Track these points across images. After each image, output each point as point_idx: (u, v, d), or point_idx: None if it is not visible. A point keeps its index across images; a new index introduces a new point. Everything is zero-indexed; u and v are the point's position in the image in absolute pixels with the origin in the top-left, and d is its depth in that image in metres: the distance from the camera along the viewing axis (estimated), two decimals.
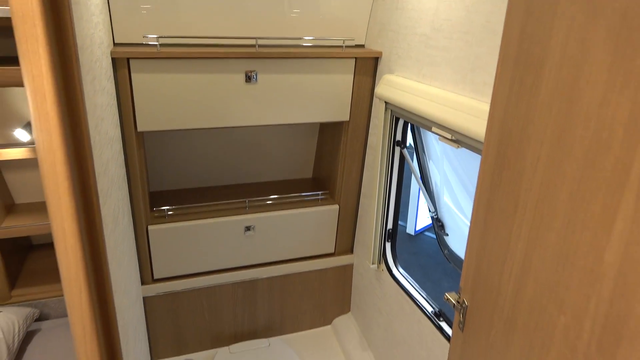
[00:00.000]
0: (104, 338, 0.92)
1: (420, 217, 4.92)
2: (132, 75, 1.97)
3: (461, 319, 1.17)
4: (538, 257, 0.79)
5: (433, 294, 2.12)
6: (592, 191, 0.65)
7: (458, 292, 1.21)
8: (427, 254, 4.66)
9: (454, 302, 1.21)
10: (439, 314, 1.99)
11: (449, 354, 1.26)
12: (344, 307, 2.93)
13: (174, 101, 2.08)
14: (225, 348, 2.62)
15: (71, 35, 0.71)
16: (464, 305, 1.16)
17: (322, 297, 2.84)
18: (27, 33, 0.63)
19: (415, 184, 4.75)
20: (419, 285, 2.19)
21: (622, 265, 0.60)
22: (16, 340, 2.07)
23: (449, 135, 1.69)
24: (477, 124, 1.48)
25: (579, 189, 0.68)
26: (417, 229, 4.97)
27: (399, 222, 4.86)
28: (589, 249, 0.66)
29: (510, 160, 0.92)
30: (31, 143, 2.20)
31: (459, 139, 1.65)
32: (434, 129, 1.79)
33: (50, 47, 0.65)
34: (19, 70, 1.57)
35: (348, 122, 2.41)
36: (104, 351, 0.89)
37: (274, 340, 2.70)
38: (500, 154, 0.96)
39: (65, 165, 0.71)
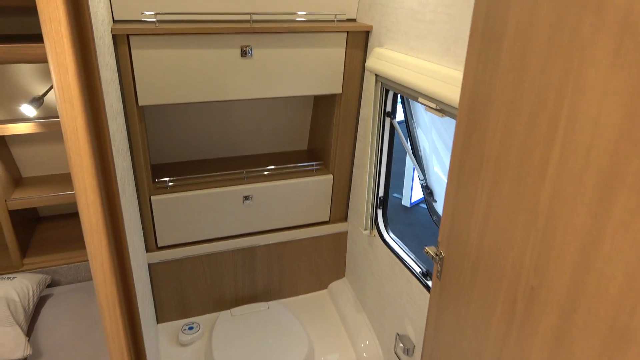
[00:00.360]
0: (121, 284, 1.05)
1: (415, 190, 5.03)
2: (132, 51, 2.04)
3: (439, 269, 1.31)
4: (496, 205, 0.92)
5: (428, 262, 2.24)
6: (533, 144, 0.77)
7: (437, 245, 1.34)
8: (421, 225, 4.80)
9: (432, 254, 1.34)
10: (426, 274, 2.13)
11: (429, 301, 1.40)
12: (339, 272, 3.07)
13: (172, 76, 2.16)
14: (227, 311, 2.74)
15: (87, 14, 0.81)
16: (441, 257, 1.29)
17: (318, 263, 2.97)
18: (50, 15, 0.73)
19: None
20: (414, 254, 2.32)
21: (551, 201, 0.73)
22: (31, 303, 2.21)
23: (433, 105, 1.79)
24: (458, 94, 1.57)
25: (525, 144, 0.80)
26: (412, 201, 5.08)
27: (395, 195, 4.99)
28: (531, 192, 0.78)
29: (477, 123, 1.03)
30: (37, 118, 2.30)
31: (443, 108, 1.75)
32: (420, 99, 1.88)
33: (71, 26, 0.76)
34: (28, 47, 1.66)
35: (341, 94, 2.49)
36: (122, 295, 1.02)
37: (272, 303, 2.82)
38: (470, 119, 1.07)
39: (86, 131, 0.83)
